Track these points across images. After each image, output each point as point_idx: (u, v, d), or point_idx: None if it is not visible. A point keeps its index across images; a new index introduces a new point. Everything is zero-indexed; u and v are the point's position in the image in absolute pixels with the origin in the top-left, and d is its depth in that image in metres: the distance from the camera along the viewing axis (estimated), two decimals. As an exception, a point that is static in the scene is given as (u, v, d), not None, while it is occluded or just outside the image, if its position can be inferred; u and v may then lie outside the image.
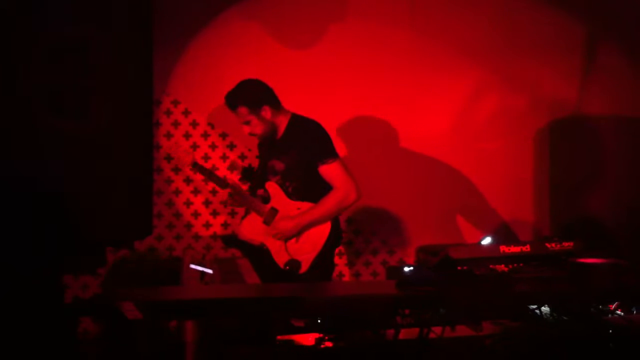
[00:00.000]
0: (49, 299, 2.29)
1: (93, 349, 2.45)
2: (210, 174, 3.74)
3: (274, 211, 3.58)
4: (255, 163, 4.17)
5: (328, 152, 3.48)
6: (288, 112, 3.62)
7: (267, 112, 3.54)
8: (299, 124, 3.58)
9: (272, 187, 3.60)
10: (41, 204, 2.13)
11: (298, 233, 3.51)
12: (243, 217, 3.73)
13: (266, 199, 3.63)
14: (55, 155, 2.20)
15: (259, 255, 3.66)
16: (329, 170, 3.47)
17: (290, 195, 3.56)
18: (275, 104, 3.58)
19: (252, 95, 3.53)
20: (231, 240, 4.36)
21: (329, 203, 3.48)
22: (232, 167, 4.41)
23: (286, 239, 3.54)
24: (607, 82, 4.76)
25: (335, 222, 3.55)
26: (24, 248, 2.13)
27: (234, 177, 4.10)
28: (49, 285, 2.30)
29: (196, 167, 3.73)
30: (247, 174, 4.04)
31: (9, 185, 2.11)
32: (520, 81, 4.76)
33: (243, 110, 3.54)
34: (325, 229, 3.50)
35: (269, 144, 3.67)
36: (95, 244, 2.38)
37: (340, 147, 3.53)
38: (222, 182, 3.68)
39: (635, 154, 4.71)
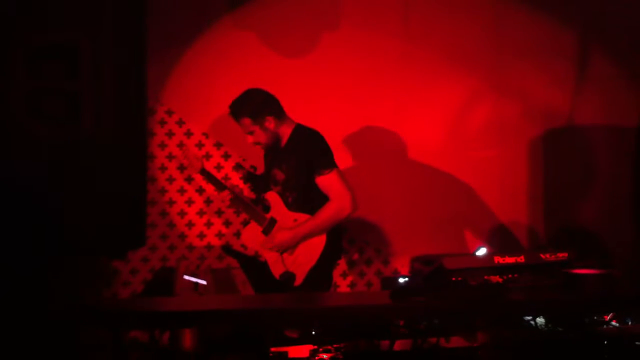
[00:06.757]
0: (35, 306, 2.27)
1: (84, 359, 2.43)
2: (216, 181, 3.75)
3: (273, 221, 3.58)
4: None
5: (325, 163, 3.46)
6: (293, 122, 3.62)
7: (270, 123, 3.54)
8: (301, 134, 3.58)
9: (273, 197, 3.60)
10: (27, 209, 2.10)
11: (295, 245, 3.51)
12: (246, 224, 3.73)
13: (267, 208, 3.63)
14: (41, 162, 2.17)
15: (254, 266, 3.66)
16: (325, 181, 3.46)
17: (290, 206, 3.56)
18: (279, 114, 3.58)
19: (255, 106, 3.54)
20: (229, 249, 4.35)
21: (324, 215, 3.47)
22: (237, 168, 4.40)
23: (283, 251, 3.53)
24: (599, 90, 4.77)
25: (332, 235, 3.53)
26: (11, 249, 2.11)
27: (237, 178, 4.19)
28: (37, 292, 2.28)
29: (204, 173, 3.75)
30: (250, 177, 4.05)
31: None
32: (514, 89, 4.77)
33: (246, 121, 3.54)
34: (320, 241, 3.49)
35: (272, 154, 3.67)
36: (86, 252, 2.35)
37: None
38: (226, 188, 3.72)
39: (628, 162, 4.72)
